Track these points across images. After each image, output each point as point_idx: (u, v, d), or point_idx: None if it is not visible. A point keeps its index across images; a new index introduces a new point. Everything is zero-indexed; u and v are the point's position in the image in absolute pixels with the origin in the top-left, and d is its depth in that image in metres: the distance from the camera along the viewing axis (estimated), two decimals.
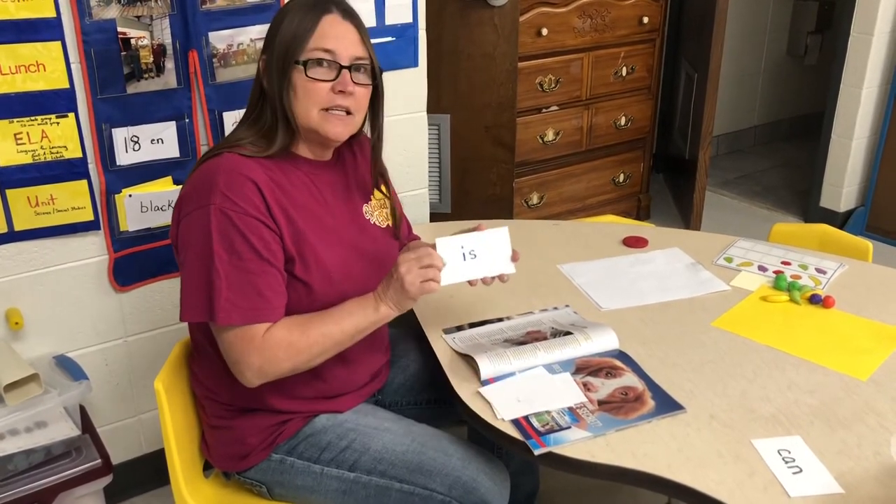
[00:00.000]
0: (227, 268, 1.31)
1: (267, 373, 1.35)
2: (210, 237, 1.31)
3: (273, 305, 1.34)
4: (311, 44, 1.37)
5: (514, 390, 1.40)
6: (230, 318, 1.31)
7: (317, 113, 1.40)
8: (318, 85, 1.38)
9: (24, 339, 1.89)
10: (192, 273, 1.34)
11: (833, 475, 1.21)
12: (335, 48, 1.38)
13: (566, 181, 3.41)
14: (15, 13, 1.64)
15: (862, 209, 3.75)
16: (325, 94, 1.39)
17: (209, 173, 1.35)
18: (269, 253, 1.34)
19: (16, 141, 1.73)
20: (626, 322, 1.63)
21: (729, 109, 4.63)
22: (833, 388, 1.42)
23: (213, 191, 1.32)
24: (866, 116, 3.62)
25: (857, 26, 3.49)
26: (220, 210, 1.31)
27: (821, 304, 1.68)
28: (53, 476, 1.73)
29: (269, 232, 1.35)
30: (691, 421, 1.33)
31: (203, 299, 1.32)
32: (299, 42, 1.37)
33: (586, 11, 3.16)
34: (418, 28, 2.18)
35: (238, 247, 1.32)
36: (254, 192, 1.34)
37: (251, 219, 1.33)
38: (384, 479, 1.42)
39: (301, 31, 1.38)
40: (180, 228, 1.37)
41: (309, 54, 1.37)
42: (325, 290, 1.41)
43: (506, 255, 1.46)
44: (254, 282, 1.32)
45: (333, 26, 1.39)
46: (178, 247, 1.40)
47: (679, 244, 1.97)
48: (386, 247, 1.57)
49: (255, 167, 1.36)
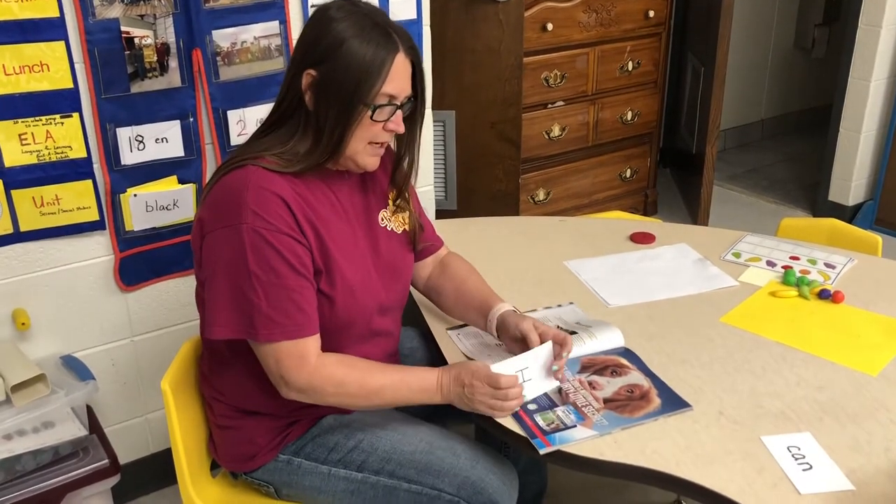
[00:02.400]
0: (266, 286, 1.31)
1: (308, 396, 1.36)
2: (244, 256, 1.30)
3: (312, 319, 1.35)
4: (379, 87, 1.33)
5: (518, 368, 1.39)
6: (272, 335, 1.32)
7: (363, 147, 1.39)
8: (378, 125, 1.37)
9: (31, 340, 1.89)
10: (222, 291, 1.33)
11: (843, 472, 1.20)
12: (397, 93, 1.36)
13: (572, 177, 3.40)
14: (18, 13, 1.64)
15: (871, 203, 3.73)
16: (378, 130, 1.37)
17: (235, 189, 1.33)
18: (303, 268, 1.34)
19: (20, 141, 1.73)
20: (633, 318, 1.62)
21: (736, 103, 4.60)
22: (843, 383, 1.41)
23: (243, 209, 1.31)
24: (875, 109, 3.59)
25: (865, 18, 3.46)
26: (253, 229, 1.30)
27: (830, 300, 1.67)
28: (61, 476, 1.73)
29: (301, 247, 1.34)
30: (700, 418, 1.32)
31: (239, 317, 1.32)
32: (371, 84, 1.32)
33: (592, 6, 3.15)
34: (423, 24, 2.17)
35: (274, 264, 1.31)
36: (283, 209, 1.33)
37: (284, 236, 1.32)
38: (392, 480, 1.42)
39: (374, 71, 1.32)
40: (205, 243, 1.36)
41: (377, 99, 1.34)
42: (347, 303, 1.41)
43: (550, 367, 1.41)
44: (293, 297, 1.32)
45: (399, 69, 1.35)
46: (201, 262, 1.38)
47: (687, 240, 1.96)
48: (400, 255, 1.55)
49: (281, 182, 1.35)
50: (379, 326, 1.49)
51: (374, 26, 1.33)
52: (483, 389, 1.34)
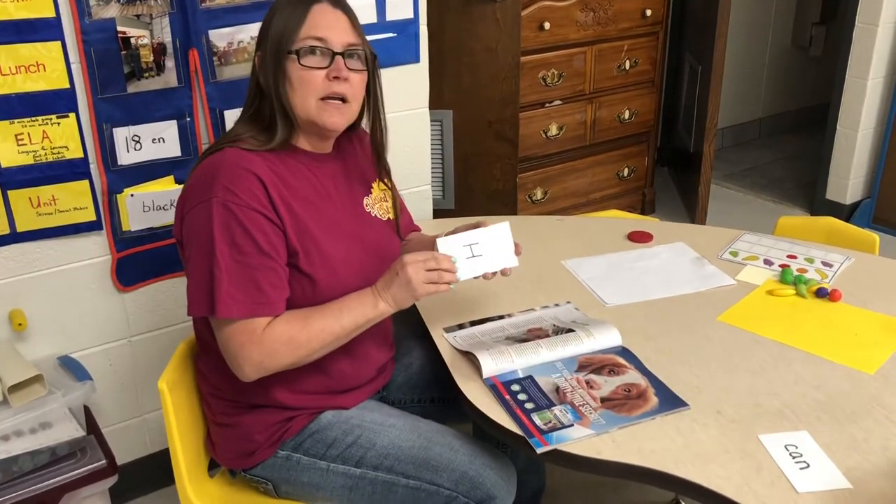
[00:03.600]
0: (228, 261, 1.31)
1: (266, 367, 1.35)
2: (212, 231, 1.31)
3: (272, 300, 1.34)
4: (302, 33, 1.38)
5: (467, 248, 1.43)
6: (230, 311, 1.31)
7: (314, 103, 1.40)
8: (313, 73, 1.38)
9: (28, 340, 1.89)
10: (195, 268, 1.34)
11: (841, 470, 1.20)
12: (327, 36, 1.38)
13: (570, 176, 3.40)
14: (14, 13, 1.64)
15: (868, 201, 3.73)
16: (321, 81, 1.39)
17: (211, 168, 1.35)
18: (270, 247, 1.34)
19: (17, 142, 1.72)
20: (631, 317, 1.62)
21: (733, 101, 4.60)
22: (840, 382, 1.41)
23: (216, 184, 1.32)
24: (872, 107, 3.59)
25: (863, 16, 3.46)
26: (222, 203, 1.31)
27: (827, 298, 1.67)
28: (59, 477, 1.73)
29: (271, 226, 1.34)
30: (697, 416, 1.32)
31: (205, 293, 1.32)
32: (290, 33, 1.38)
33: (589, 5, 3.15)
34: (419, 23, 2.17)
35: (239, 240, 1.31)
36: (256, 186, 1.34)
37: (253, 212, 1.32)
38: (390, 475, 1.42)
39: (292, 22, 1.39)
40: (184, 224, 1.37)
41: (301, 43, 1.38)
42: (330, 283, 1.41)
43: (509, 248, 1.45)
44: (254, 276, 1.32)
45: (324, 15, 1.39)
46: (182, 243, 1.40)
47: (684, 238, 1.96)
48: (387, 240, 1.57)
49: (257, 160, 1.36)
50: None
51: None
52: (413, 265, 1.36)
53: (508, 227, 1.45)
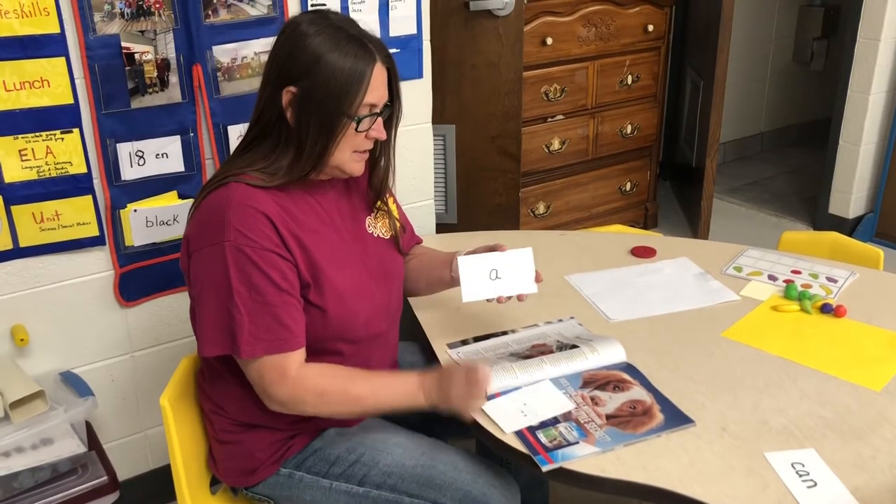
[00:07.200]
0: (248, 303, 1.32)
1: (290, 409, 1.38)
2: (227, 273, 1.31)
3: (295, 334, 1.36)
4: (361, 99, 1.35)
5: (519, 403, 1.39)
6: (254, 351, 1.33)
7: (349, 156, 1.41)
8: (361, 135, 1.39)
9: (30, 356, 1.88)
10: (209, 309, 1.35)
11: (849, 489, 1.19)
12: (378, 101, 1.39)
13: (572, 190, 3.40)
14: (19, 30, 1.64)
15: (871, 215, 3.72)
16: (362, 139, 1.40)
17: (218, 207, 1.35)
18: (286, 283, 1.35)
19: (21, 157, 1.72)
20: (634, 333, 1.61)
21: (735, 116, 4.61)
22: (846, 399, 1.40)
23: (226, 227, 1.32)
24: (874, 122, 3.60)
25: (864, 31, 3.47)
26: (236, 247, 1.31)
27: (832, 314, 1.66)
28: (60, 493, 1.72)
29: (284, 262, 1.35)
30: (703, 434, 1.32)
31: (225, 335, 1.33)
32: (351, 96, 1.34)
33: (591, 20, 3.16)
34: (423, 39, 2.18)
35: (256, 281, 1.32)
36: (266, 225, 1.34)
37: (267, 252, 1.33)
38: (394, 494, 1.41)
39: (354, 83, 1.34)
40: (192, 262, 1.37)
41: (361, 110, 1.37)
42: (339, 311, 1.42)
43: (529, 275, 1.46)
44: (275, 313, 1.33)
45: (378, 78, 1.37)
46: (190, 279, 1.40)
47: (688, 254, 1.96)
48: (390, 259, 1.57)
49: (264, 198, 1.36)
50: (376, 331, 1.50)
51: (350, 39, 1.35)
52: (458, 385, 1.36)
53: (531, 253, 1.45)
